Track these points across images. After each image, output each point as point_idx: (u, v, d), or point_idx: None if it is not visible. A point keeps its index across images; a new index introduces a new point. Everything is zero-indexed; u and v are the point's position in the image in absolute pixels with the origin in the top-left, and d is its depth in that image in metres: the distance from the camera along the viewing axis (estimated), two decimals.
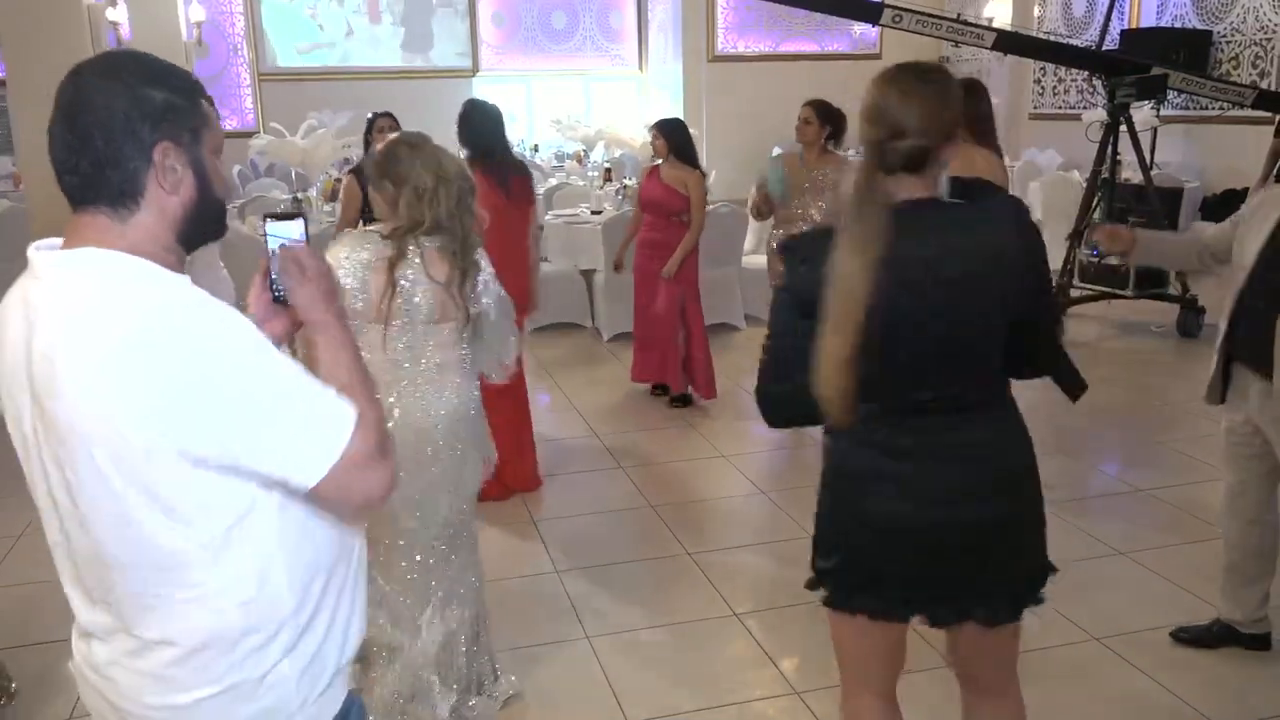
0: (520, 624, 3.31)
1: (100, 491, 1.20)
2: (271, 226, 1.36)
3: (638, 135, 11.43)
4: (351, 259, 2.49)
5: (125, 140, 1.22)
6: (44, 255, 1.25)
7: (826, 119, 4.94)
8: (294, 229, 1.37)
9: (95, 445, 1.17)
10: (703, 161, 5.84)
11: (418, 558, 2.67)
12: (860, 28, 12.11)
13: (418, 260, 2.51)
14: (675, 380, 5.62)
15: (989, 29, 7.89)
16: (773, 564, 3.85)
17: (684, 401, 5.61)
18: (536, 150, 12.59)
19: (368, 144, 4.89)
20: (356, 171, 4.78)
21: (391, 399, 2.54)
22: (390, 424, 2.44)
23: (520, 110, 13.51)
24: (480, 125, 4.37)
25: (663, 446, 5.05)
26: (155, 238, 1.26)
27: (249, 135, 10.72)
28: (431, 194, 2.51)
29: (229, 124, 11.77)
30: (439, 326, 2.58)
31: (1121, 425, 5.21)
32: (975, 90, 4.13)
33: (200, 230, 1.31)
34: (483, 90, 12.53)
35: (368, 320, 2.49)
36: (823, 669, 3.09)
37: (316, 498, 1.24)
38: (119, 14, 9.67)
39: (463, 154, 4.40)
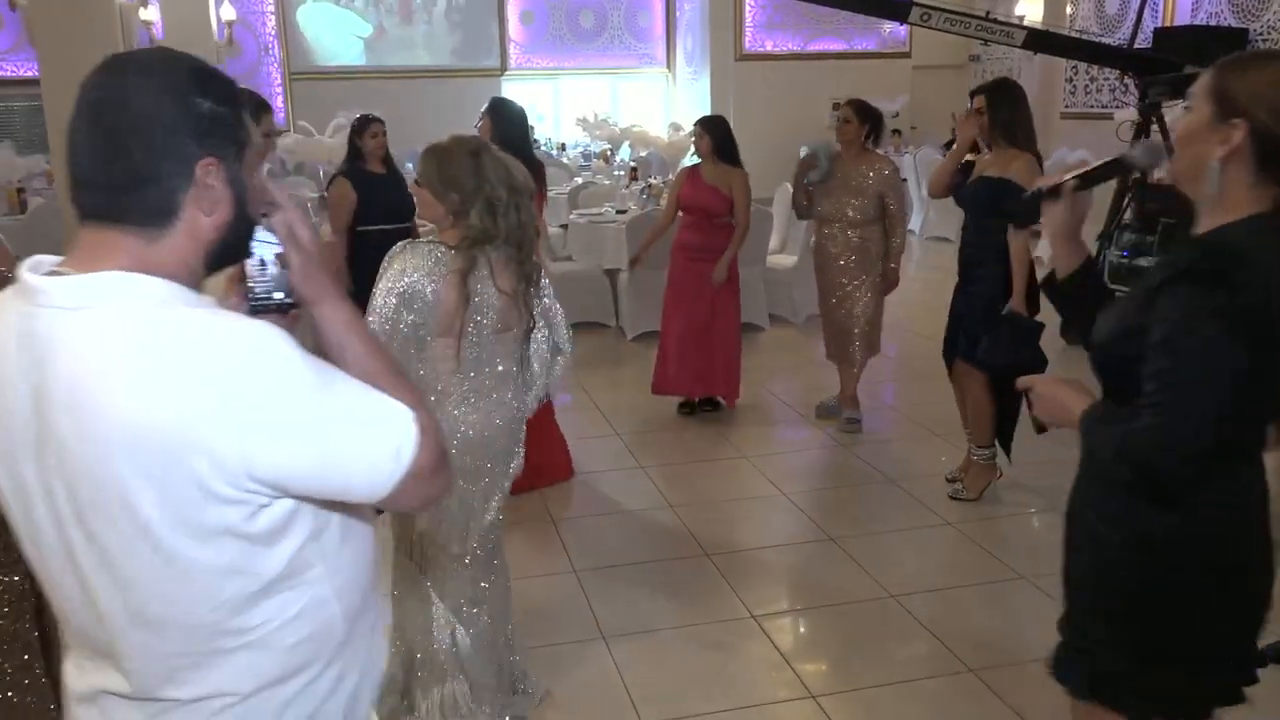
0: (537, 623, 3.31)
1: (147, 542, 1.05)
2: (262, 233, 1.21)
3: (664, 134, 11.43)
4: (424, 272, 2.39)
5: (168, 154, 1.07)
6: (55, 282, 1.07)
7: (865, 118, 4.88)
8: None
9: (146, 487, 1.03)
10: None
11: (468, 562, 2.64)
12: (889, 26, 12.03)
13: (485, 271, 2.46)
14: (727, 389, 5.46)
15: (1019, 27, 7.82)
16: (792, 566, 3.83)
17: (713, 406, 5.50)
18: (564, 149, 12.63)
19: (354, 146, 4.72)
20: (347, 174, 4.69)
21: (458, 411, 2.49)
22: (458, 437, 2.46)
23: (547, 109, 13.57)
24: (506, 124, 4.40)
25: (684, 447, 5.03)
26: (183, 260, 1.12)
27: (279, 134, 10.86)
28: (506, 206, 2.45)
29: None
30: (503, 335, 2.55)
31: None
32: (1014, 92, 4.06)
33: (229, 252, 1.18)
34: (510, 89, 12.59)
35: (435, 334, 2.44)
36: (840, 673, 3.07)
37: (379, 504, 1.17)
38: (151, 13, 9.81)
39: None
